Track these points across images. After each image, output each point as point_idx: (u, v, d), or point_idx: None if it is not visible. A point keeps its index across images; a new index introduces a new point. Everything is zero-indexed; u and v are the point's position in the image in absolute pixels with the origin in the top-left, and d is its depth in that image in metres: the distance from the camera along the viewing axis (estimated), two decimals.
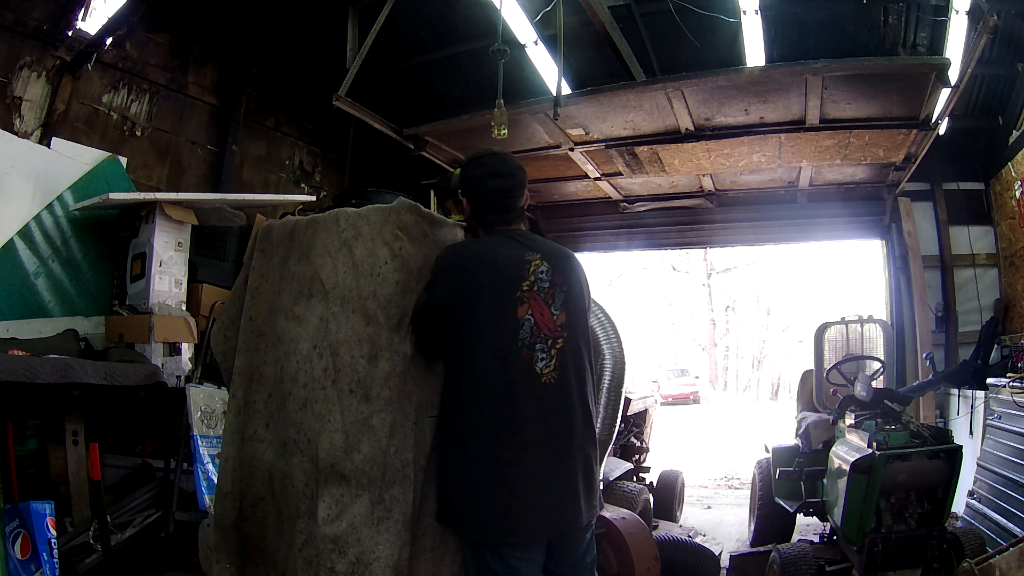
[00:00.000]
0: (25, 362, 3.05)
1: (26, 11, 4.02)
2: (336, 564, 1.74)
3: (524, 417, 1.76)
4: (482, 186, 1.96)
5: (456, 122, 4.86)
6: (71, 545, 3.03)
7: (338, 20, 4.71)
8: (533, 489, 1.74)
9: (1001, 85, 5.28)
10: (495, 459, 1.73)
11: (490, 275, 1.83)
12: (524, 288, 1.82)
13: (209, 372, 3.82)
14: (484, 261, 1.85)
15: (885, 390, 3.33)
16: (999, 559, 2.60)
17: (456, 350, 1.82)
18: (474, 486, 1.75)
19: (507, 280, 1.83)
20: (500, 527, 1.72)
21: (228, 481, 2.01)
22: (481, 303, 1.79)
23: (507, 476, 1.72)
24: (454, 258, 1.89)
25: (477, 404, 1.77)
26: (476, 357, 1.77)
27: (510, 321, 1.79)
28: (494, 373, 1.76)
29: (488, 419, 1.75)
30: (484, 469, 1.74)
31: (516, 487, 1.72)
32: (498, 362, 1.77)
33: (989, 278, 5.57)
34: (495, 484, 1.72)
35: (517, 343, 1.79)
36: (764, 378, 26.80)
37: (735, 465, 8.19)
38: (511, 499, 1.71)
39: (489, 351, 1.77)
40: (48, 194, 4.07)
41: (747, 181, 5.95)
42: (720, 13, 4.56)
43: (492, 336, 1.78)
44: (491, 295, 1.80)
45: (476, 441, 1.76)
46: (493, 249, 1.89)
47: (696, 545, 3.59)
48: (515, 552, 1.74)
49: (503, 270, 1.84)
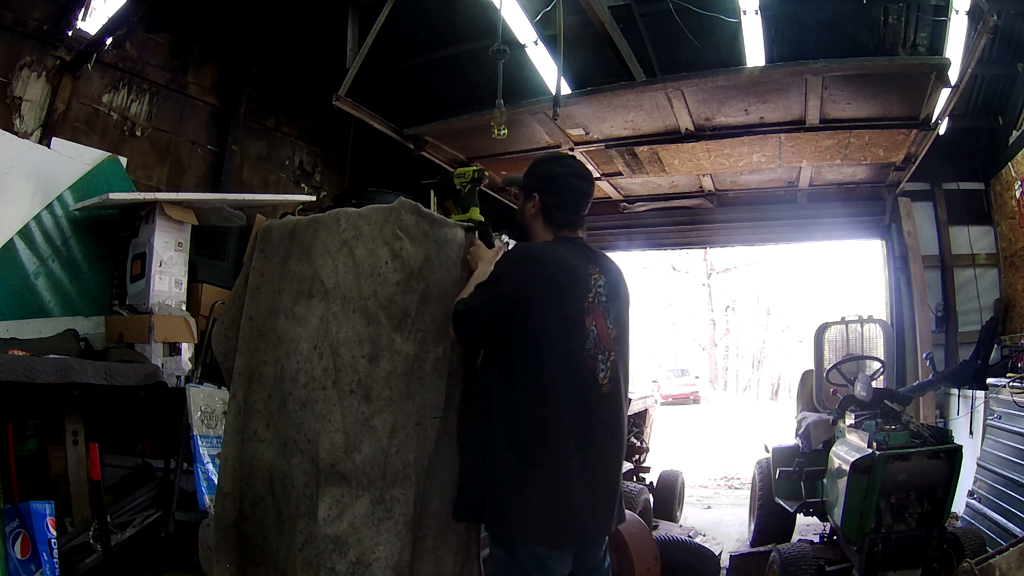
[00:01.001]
0: (25, 362, 3.04)
1: (26, 11, 4.02)
2: (336, 564, 1.74)
3: (586, 425, 1.79)
4: (566, 183, 1.95)
5: (456, 122, 4.85)
6: (71, 545, 3.03)
7: (338, 20, 4.71)
8: (584, 495, 1.77)
9: (1001, 85, 5.28)
10: (555, 463, 1.74)
11: (566, 280, 1.83)
12: (589, 299, 1.85)
13: (209, 372, 3.82)
14: (560, 266, 1.84)
15: (885, 390, 3.34)
16: (999, 559, 2.60)
17: (520, 350, 1.78)
18: (527, 487, 1.73)
19: (579, 288, 1.84)
20: (549, 529, 1.73)
21: (228, 481, 2.01)
22: (556, 307, 1.79)
23: (564, 481, 1.74)
24: (529, 257, 1.86)
25: (541, 407, 1.76)
26: (544, 360, 1.77)
27: (580, 329, 1.81)
28: (561, 379, 1.77)
29: (552, 423, 1.75)
30: (542, 472, 1.73)
31: (571, 492, 1.74)
32: (566, 368, 1.78)
33: (989, 278, 5.57)
34: (551, 487, 1.73)
35: (584, 352, 1.81)
36: (764, 378, 26.81)
37: (735, 465, 8.20)
38: (564, 503, 1.73)
39: (559, 356, 1.78)
40: (48, 194, 4.06)
41: (747, 181, 5.94)
42: (720, 13, 4.56)
43: (563, 342, 1.79)
44: (565, 301, 1.81)
45: (535, 443, 1.74)
46: (566, 255, 1.88)
47: (696, 545, 3.59)
48: (552, 553, 1.76)
49: (576, 278, 1.85)
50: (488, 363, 1.87)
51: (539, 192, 1.94)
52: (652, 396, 6.25)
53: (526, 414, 1.75)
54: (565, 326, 1.80)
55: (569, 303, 1.81)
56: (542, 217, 1.95)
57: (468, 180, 2.31)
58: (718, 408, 20.73)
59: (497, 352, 1.83)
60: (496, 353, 1.83)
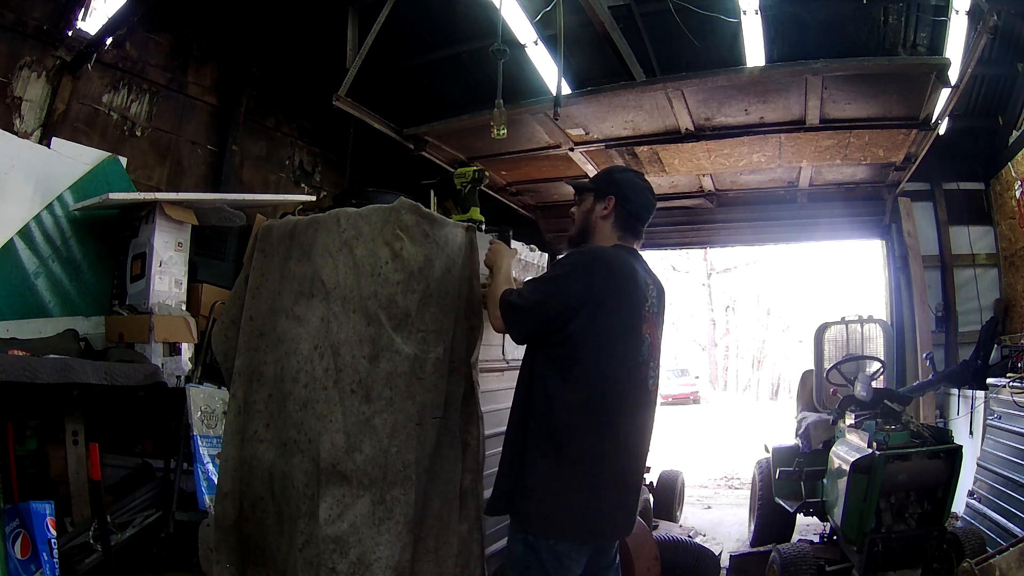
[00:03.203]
0: (25, 362, 3.04)
1: (26, 11, 4.02)
2: (337, 564, 1.74)
3: (632, 430, 1.85)
4: (644, 196, 2.03)
5: (456, 122, 4.85)
6: (71, 545, 3.03)
7: (338, 20, 4.71)
8: (615, 496, 1.82)
9: (1001, 85, 5.28)
10: (597, 463, 1.77)
11: (631, 288, 1.87)
12: (646, 308, 1.91)
13: (209, 372, 3.82)
14: (628, 272, 1.88)
15: (885, 390, 3.34)
16: (999, 559, 2.60)
17: (579, 348, 1.78)
18: (565, 484, 1.75)
19: (641, 296, 1.90)
20: (578, 526, 1.77)
21: (228, 481, 2.01)
22: (621, 312, 1.83)
23: (601, 481, 1.77)
24: (601, 258, 1.87)
25: (596, 407, 1.78)
26: (603, 361, 1.79)
27: (638, 336, 1.87)
28: (619, 381, 1.81)
29: (605, 424, 1.78)
30: (581, 470, 1.75)
31: (605, 492, 1.79)
32: (624, 373, 1.82)
33: (989, 278, 5.57)
34: (588, 486, 1.76)
35: (639, 358, 1.87)
36: (764, 378, 26.82)
37: (735, 465, 8.19)
38: (596, 502, 1.77)
39: (618, 361, 1.82)
40: (48, 194, 4.07)
41: (747, 181, 5.94)
42: (720, 13, 4.56)
43: (623, 347, 1.83)
44: (629, 307, 1.85)
45: (583, 441, 1.76)
46: (632, 263, 1.92)
47: (696, 545, 3.59)
48: (572, 553, 1.78)
49: (640, 287, 1.90)
50: (537, 357, 1.86)
51: (616, 196, 1.98)
52: None
53: (579, 412, 1.77)
54: (627, 331, 1.84)
55: (633, 309, 1.86)
56: (613, 220, 1.99)
57: (468, 180, 2.31)
58: (718, 408, 20.73)
59: (550, 347, 1.82)
60: (549, 348, 1.82)
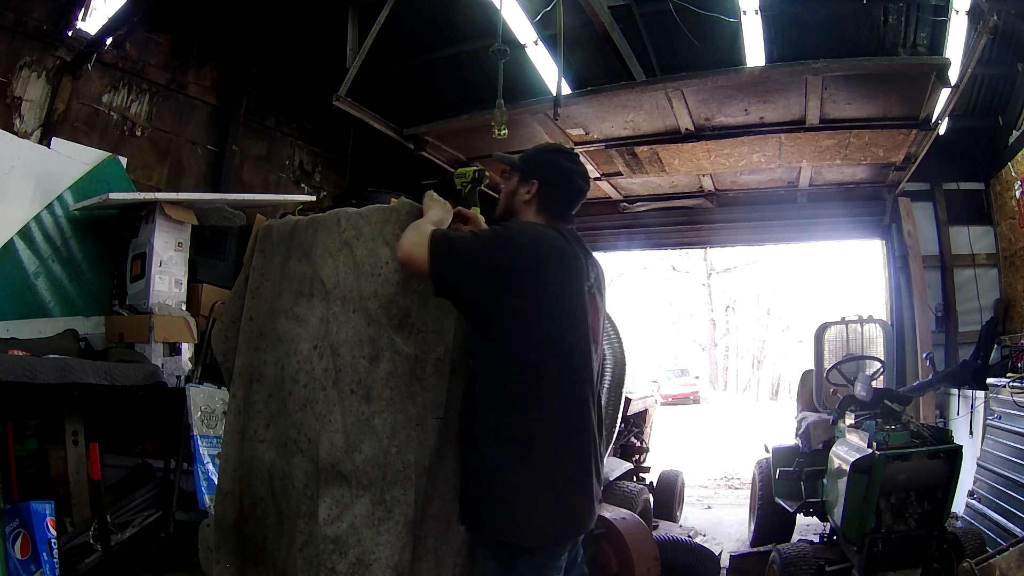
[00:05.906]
0: (25, 362, 3.05)
1: (26, 11, 4.02)
2: (336, 564, 1.74)
3: (579, 414, 1.70)
4: (571, 180, 1.89)
5: (456, 122, 4.86)
6: (71, 545, 3.03)
7: (338, 20, 4.71)
8: (581, 493, 1.69)
9: (1001, 85, 5.28)
10: (553, 456, 1.64)
11: (565, 265, 1.72)
12: (587, 288, 1.78)
13: (209, 372, 3.82)
14: (560, 249, 1.72)
15: (885, 390, 3.34)
16: (999, 559, 2.60)
17: (515, 331, 1.65)
18: (526, 483, 1.62)
19: (579, 275, 1.75)
20: (558, 526, 1.65)
21: (228, 481, 2.01)
22: (556, 289, 1.68)
23: (562, 474, 1.65)
24: (534, 233, 1.72)
25: (542, 395, 1.64)
26: (550, 351, 1.66)
27: (582, 319, 1.73)
28: (567, 371, 1.68)
29: (553, 413, 1.65)
30: (539, 466, 1.63)
31: (573, 492, 1.67)
32: (572, 360, 1.69)
33: (989, 278, 5.57)
34: (551, 482, 1.64)
35: (586, 341, 1.73)
36: (764, 378, 26.81)
37: (735, 465, 8.19)
38: (564, 497, 1.65)
39: (565, 347, 1.68)
40: (48, 194, 4.07)
41: (747, 181, 5.95)
42: (720, 13, 4.56)
43: (567, 332, 1.69)
44: (570, 289, 1.71)
45: (534, 435, 1.63)
46: (567, 241, 1.77)
47: (696, 545, 3.58)
48: (550, 562, 1.67)
49: (576, 265, 1.76)
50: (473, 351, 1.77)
51: (540, 180, 1.85)
52: (652, 396, 6.25)
53: (525, 403, 1.63)
54: (570, 314, 1.70)
55: (571, 288, 1.71)
56: (536, 205, 1.86)
57: (468, 180, 2.30)
58: (718, 408, 20.72)
59: (483, 331, 1.70)
60: (482, 334, 1.71)
